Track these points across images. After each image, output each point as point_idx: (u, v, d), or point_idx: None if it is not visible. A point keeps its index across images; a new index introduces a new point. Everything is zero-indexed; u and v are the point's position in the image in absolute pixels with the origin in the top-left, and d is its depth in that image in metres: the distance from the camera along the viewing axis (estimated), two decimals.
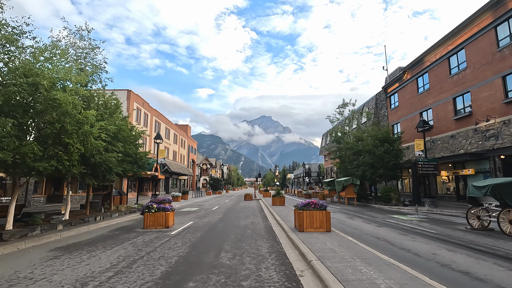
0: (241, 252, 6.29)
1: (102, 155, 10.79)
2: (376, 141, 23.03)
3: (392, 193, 20.91)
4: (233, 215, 14.66)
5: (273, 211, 14.96)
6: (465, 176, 20.88)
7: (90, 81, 11.89)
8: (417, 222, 11.68)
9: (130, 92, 31.11)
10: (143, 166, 16.37)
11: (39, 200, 18.35)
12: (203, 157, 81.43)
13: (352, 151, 25.89)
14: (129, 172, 14.66)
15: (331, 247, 5.94)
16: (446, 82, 22.66)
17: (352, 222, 11.68)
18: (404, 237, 8.20)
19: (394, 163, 22.36)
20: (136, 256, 6.03)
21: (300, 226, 7.87)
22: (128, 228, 10.27)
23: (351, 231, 9.24)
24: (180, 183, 53.22)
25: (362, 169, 23.61)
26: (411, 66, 27.55)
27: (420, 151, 19.12)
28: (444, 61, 22.93)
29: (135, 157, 15.16)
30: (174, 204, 23.43)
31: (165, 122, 43.24)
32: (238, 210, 17.61)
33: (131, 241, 7.66)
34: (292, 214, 13.16)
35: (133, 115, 31.54)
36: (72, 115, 8.39)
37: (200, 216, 14.24)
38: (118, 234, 9.07)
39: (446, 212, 16.14)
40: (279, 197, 18.41)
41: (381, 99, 33.32)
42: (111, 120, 11.53)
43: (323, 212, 7.92)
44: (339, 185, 23.53)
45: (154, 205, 10.24)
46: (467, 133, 20.17)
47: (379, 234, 8.71)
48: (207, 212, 16.38)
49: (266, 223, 11.25)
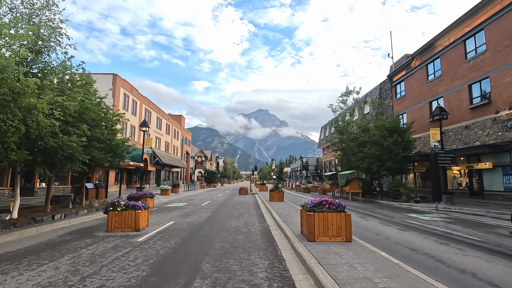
0: (226, 278, 4.14)
1: (57, 138, 8.52)
2: (384, 131, 20.96)
3: (402, 188, 18.94)
4: (224, 212, 12.54)
5: (271, 208, 12.87)
6: (480, 170, 18.98)
7: (46, 47, 9.52)
8: (444, 224, 9.68)
9: (116, 77, 28.56)
10: (121, 155, 14.12)
11: (3, 193, 16.03)
12: (198, 149, 79.06)
13: (356, 142, 23.84)
14: (103, 161, 12.40)
15: (365, 274, 3.82)
16: (460, 67, 20.54)
17: (367, 224, 9.62)
18: (446, 248, 6.15)
19: (404, 155, 20.36)
20: (63, 285, 3.87)
21: (310, 233, 5.74)
22: (87, 231, 8.08)
23: (374, 238, 7.16)
24: (173, 175, 50.96)
25: (367, 162, 21.59)
26: (421, 52, 25.32)
27: (436, 141, 17.09)
28: (459, 44, 20.74)
29: (110, 144, 12.90)
30: (163, 198, 21.29)
31: (157, 111, 40.71)
32: (231, 206, 15.51)
33: (76, 254, 5.49)
34: (294, 212, 11.06)
35: (120, 101, 29.06)
36: (3, 81, 6.12)
37: (185, 213, 12.09)
38: (69, 240, 6.88)
39: (466, 211, 14.20)
40: (278, 192, 16.30)
41: (385, 89, 31.18)
42: (72, 96, 9.22)
43: (341, 215, 5.80)
44: (343, 178, 21.51)
45: (121, 201, 8.05)
46: (485, 123, 18.18)
47: (412, 243, 6.64)
48: (195, 208, 14.24)
49: (263, 225, 9.14)
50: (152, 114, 38.94)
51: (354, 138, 23.78)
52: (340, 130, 25.92)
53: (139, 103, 34.11)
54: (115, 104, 27.97)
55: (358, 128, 25.56)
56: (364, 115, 29.01)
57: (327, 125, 51.43)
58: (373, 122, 24.42)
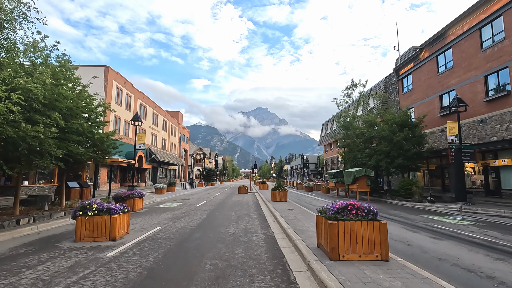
0: None
1: (19, 128, 7.03)
2: (394, 126, 19.52)
3: (414, 187, 17.52)
4: (221, 215, 11.07)
5: (274, 209, 11.41)
6: (497, 168, 17.56)
7: (9, 20, 8.00)
8: (478, 229, 8.24)
9: (108, 69, 26.98)
10: (106, 150, 12.62)
11: None
12: (196, 146, 77.53)
13: (362, 138, 22.38)
14: (83, 157, 10.91)
15: None
16: (475, 57, 19.05)
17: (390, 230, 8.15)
18: (507, 265, 4.71)
19: (416, 151, 18.94)
20: None
21: (333, 249, 4.26)
22: (51, 241, 6.60)
23: (408, 251, 5.68)
24: (170, 173, 49.47)
25: (375, 159, 20.14)
26: (431, 43, 23.77)
27: (454, 136, 15.63)
28: (474, 33, 19.22)
29: (93, 138, 11.41)
30: (157, 197, 19.81)
31: (153, 107, 39.14)
32: (229, 207, 14.04)
33: (14, 278, 4.01)
34: (302, 216, 9.59)
35: (112, 95, 27.51)
36: None
37: (176, 216, 10.61)
38: (21, 254, 5.40)
39: (489, 212, 12.81)
40: (280, 191, 14.82)
41: (391, 83, 29.65)
42: (39, 78, 7.71)
43: (373, 224, 4.33)
44: (349, 176, 20.06)
45: (94, 204, 6.57)
46: (503, 117, 16.73)
47: (460, 259, 5.16)
48: (189, 209, 12.77)
49: (266, 232, 7.66)
50: (148, 109, 37.38)
51: (360, 134, 22.32)
52: (345, 125, 24.43)
53: (133, 97, 32.54)
54: (107, 98, 26.43)
55: (364, 123, 24.10)
56: (371, 109, 27.51)
57: (329, 121, 49.94)
58: (381, 117, 22.98)
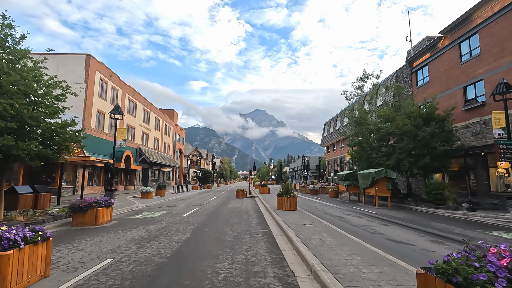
0: None
1: None
2: (419, 119, 16.63)
3: (447, 191, 14.59)
4: (212, 233, 8.04)
5: (284, 224, 8.41)
6: None
7: None
8: None
9: (90, 58, 23.93)
10: (64, 145, 9.60)
11: None
12: (193, 147, 74.35)
13: (379, 134, 19.46)
14: (20, 152, 7.89)
15: None
16: (509, 41, 16.23)
17: None
18: None
19: (444, 149, 16.03)
20: None
21: None
22: None
23: None
24: (163, 175, 46.26)
25: (395, 158, 17.21)
26: (451, 29, 20.88)
27: (501, 128, 12.76)
28: (508, 13, 16.39)
29: (38, 127, 8.38)
30: (140, 203, 16.65)
31: (143, 103, 36.05)
32: (224, 218, 11.00)
33: None
34: (329, 237, 6.42)
35: (95, 88, 24.44)
36: None
37: (148, 236, 7.57)
38: None
39: None
40: (289, 197, 11.77)
41: (403, 76, 26.78)
42: None
43: None
44: (367, 178, 17.10)
45: None
46: None
47: None
48: (171, 222, 9.73)
49: (282, 272, 4.64)
50: (138, 105, 34.30)
51: (377, 129, 19.40)
52: (358, 120, 21.49)
53: (121, 92, 29.45)
54: (88, 90, 23.38)
55: (378, 118, 21.23)
56: (385, 103, 24.59)
57: (331, 120, 47.09)
58: (399, 110, 20.11)
